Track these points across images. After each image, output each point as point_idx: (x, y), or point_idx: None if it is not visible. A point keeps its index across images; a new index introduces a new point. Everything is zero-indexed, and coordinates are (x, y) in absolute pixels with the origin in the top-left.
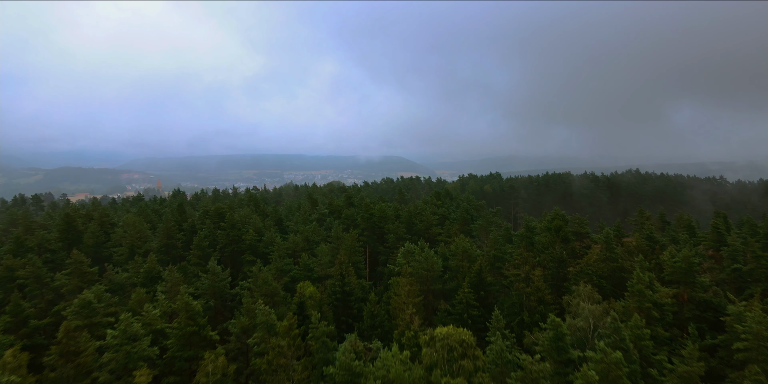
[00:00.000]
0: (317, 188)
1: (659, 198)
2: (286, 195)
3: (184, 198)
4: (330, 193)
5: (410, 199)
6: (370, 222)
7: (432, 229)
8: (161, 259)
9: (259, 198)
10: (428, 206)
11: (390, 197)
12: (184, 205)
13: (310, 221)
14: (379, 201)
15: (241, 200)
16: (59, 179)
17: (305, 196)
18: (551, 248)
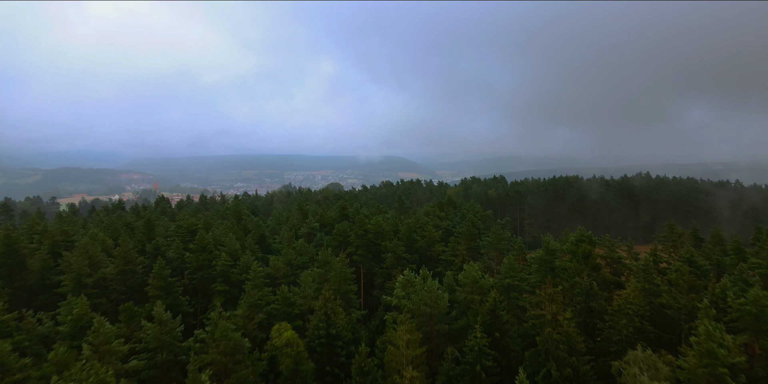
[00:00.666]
0: (311, 194)
1: (674, 204)
2: (278, 201)
3: (168, 205)
4: (324, 200)
5: (410, 206)
6: (364, 239)
7: (435, 246)
8: (116, 290)
9: (243, 209)
10: (430, 218)
11: (389, 203)
12: (154, 220)
13: (299, 236)
14: (377, 211)
15: (227, 209)
16: (58, 180)
17: (296, 206)
18: (578, 278)
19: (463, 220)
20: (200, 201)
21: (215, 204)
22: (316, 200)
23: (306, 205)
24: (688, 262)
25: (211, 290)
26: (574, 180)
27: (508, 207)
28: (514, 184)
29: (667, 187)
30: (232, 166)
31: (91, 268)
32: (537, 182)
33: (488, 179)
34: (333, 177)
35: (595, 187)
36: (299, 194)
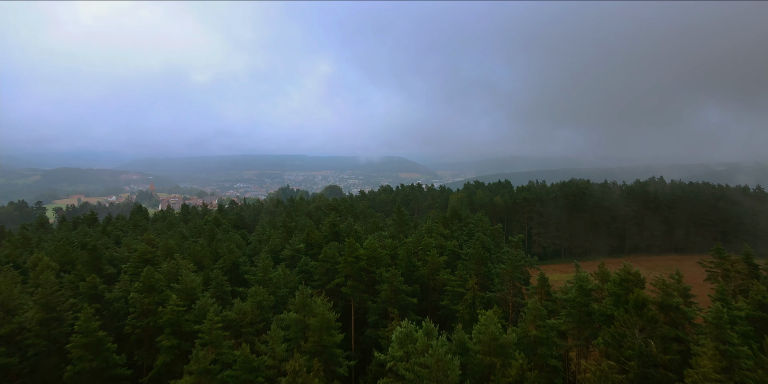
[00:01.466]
0: (302, 204)
1: (692, 212)
2: (266, 212)
3: (144, 217)
4: (316, 211)
5: (411, 214)
6: (355, 267)
7: (439, 273)
8: (34, 344)
9: (225, 223)
10: (433, 237)
11: (388, 210)
12: (100, 250)
13: (282, 259)
14: (373, 227)
15: (205, 223)
16: (57, 180)
17: (281, 222)
18: (629, 334)
19: (470, 238)
20: (182, 211)
21: (197, 215)
22: (308, 211)
23: (294, 218)
24: (758, 305)
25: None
26: (585, 185)
27: (515, 215)
28: (521, 189)
29: (683, 193)
30: (231, 167)
31: (5, 314)
32: (546, 188)
33: (492, 184)
34: (333, 177)
35: (609, 193)
36: (290, 203)
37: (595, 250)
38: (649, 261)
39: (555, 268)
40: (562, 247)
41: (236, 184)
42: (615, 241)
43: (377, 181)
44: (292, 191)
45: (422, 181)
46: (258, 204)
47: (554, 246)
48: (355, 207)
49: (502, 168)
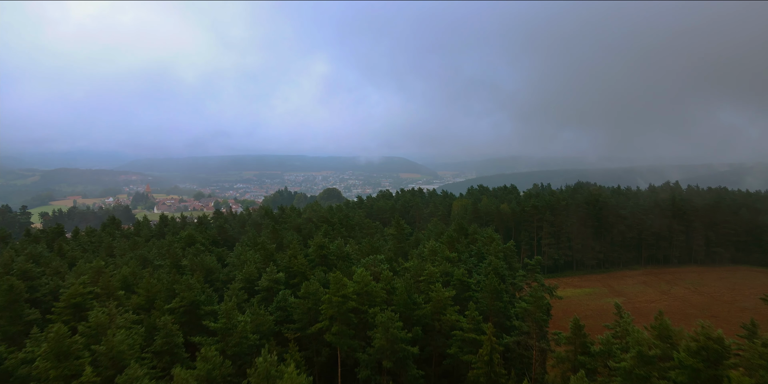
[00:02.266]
0: (291, 217)
1: (711, 220)
2: (252, 224)
3: (117, 231)
4: (306, 224)
5: (412, 224)
6: (343, 308)
7: (445, 312)
8: None
9: (189, 247)
10: (437, 263)
11: (387, 219)
12: (18, 291)
13: (257, 291)
14: (368, 248)
15: (174, 242)
16: (56, 180)
17: (265, 236)
18: None
19: (480, 262)
20: (160, 222)
21: (176, 227)
22: (297, 224)
23: (281, 234)
24: None
25: None
26: (597, 192)
27: (523, 224)
28: (528, 196)
29: (716, 202)
30: (231, 167)
31: None
32: (555, 194)
33: (498, 189)
34: (333, 178)
35: (623, 201)
36: (280, 213)
37: (610, 261)
38: (669, 274)
39: (567, 282)
40: (574, 259)
41: (236, 185)
42: (631, 252)
43: (378, 181)
44: (290, 194)
45: (423, 181)
46: (246, 213)
47: (566, 258)
48: (350, 218)
49: (502, 168)
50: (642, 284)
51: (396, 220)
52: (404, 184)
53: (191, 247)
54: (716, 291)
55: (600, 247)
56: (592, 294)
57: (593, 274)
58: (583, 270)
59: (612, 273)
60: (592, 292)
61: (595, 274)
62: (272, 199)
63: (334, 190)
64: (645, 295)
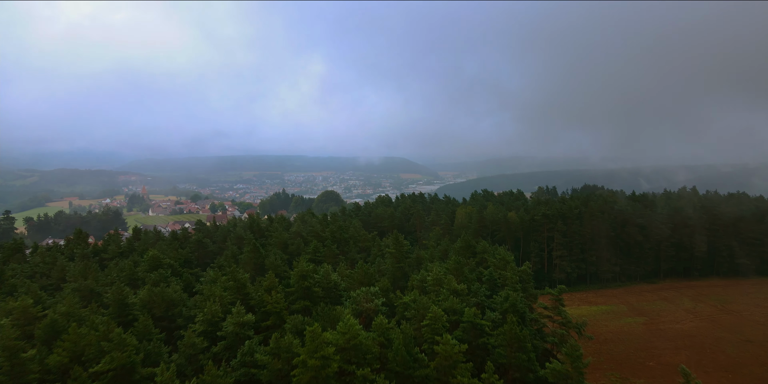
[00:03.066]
0: (280, 231)
1: (735, 228)
2: (235, 238)
3: (83, 246)
4: (294, 240)
5: (410, 247)
6: (323, 374)
7: (456, 372)
8: None
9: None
10: (442, 297)
11: (386, 229)
12: None
13: (221, 338)
14: (361, 276)
15: (129, 268)
16: (55, 181)
17: (232, 271)
18: None
19: (493, 293)
20: (133, 235)
21: (147, 242)
22: (283, 240)
23: (262, 253)
24: None
25: None
26: (611, 198)
27: (533, 234)
28: (537, 202)
29: (738, 209)
30: (231, 167)
31: None
32: (566, 201)
33: (503, 194)
34: (334, 178)
35: (638, 208)
36: (267, 225)
37: (627, 274)
38: (691, 288)
39: (582, 298)
40: (588, 272)
41: (236, 185)
42: (649, 265)
43: (378, 181)
44: (287, 196)
45: (423, 182)
46: (231, 223)
47: (579, 271)
48: (344, 230)
49: (504, 169)
50: (663, 300)
51: (395, 236)
52: (405, 184)
53: (155, 272)
54: (745, 309)
55: (616, 260)
56: (611, 312)
57: (609, 289)
58: (597, 284)
59: (629, 287)
60: (610, 310)
61: (610, 288)
62: (269, 202)
63: (332, 193)
64: (668, 313)
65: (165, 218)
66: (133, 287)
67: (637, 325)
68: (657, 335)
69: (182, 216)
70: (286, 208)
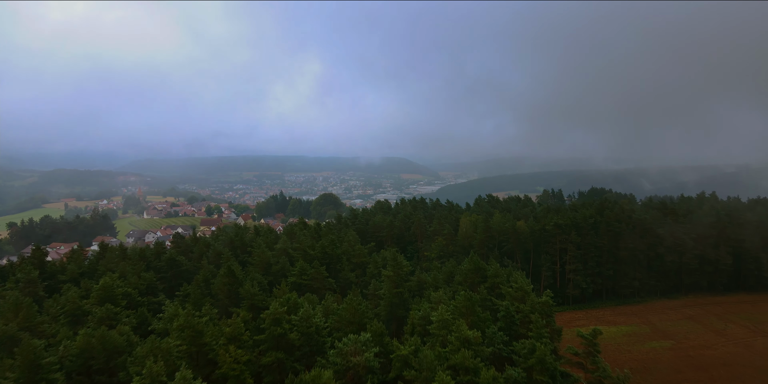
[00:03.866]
0: (263, 245)
1: (764, 239)
2: (213, 256)
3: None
4: (278, 259)
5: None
6: None
7: None
8: None
9: (100, 307)
10: (452, 348)
11: (384, 240)
12: None
13: None
14: (350, 315)
15: (95, 291)
16: (54, 182)
17: (184, 325)
18: None
19: (512, 337)
20: (99, 251)
21: (113, 260)
22: (265, 259)
23: (239, 279)
24: None
25: None
26: (627, 205)
27: (544, 245)
28: (547, 210)
29: (744, 214)
30: (231, 168)
31: None
32: (578, 209)
33: (510, 199)
34: (334, 179)
35: (658, 216)
36: (252, 238)
37: (646, 289)
38: (716, 305)
39: (599, 316)
40: (605, 287)
41: (236, 186)
42: (670, 279)
43: (379, 182)
44: (285, 198)
45: (424, 182)
46: (214, 236)
47: (594, 286)
48: (336, 245)
49: (505, 169)
50: (688, 320)
51: (393, 256)
52: (405, 184)
53: (103, 307)
54: None
55: (635, 273)
56: (632, 335)
57: (627, 306)
58: (614, 300)
59: (649, 304)
60: (631, 331)
61: (629, 304)
62: (265, 204)
63: (331, 196)
64: (696, 336)
65: (159, 221)
66: (76, 325)
67: (663, 351)
68: (688, 363)
69: (177, 219)
70: (284, 210)
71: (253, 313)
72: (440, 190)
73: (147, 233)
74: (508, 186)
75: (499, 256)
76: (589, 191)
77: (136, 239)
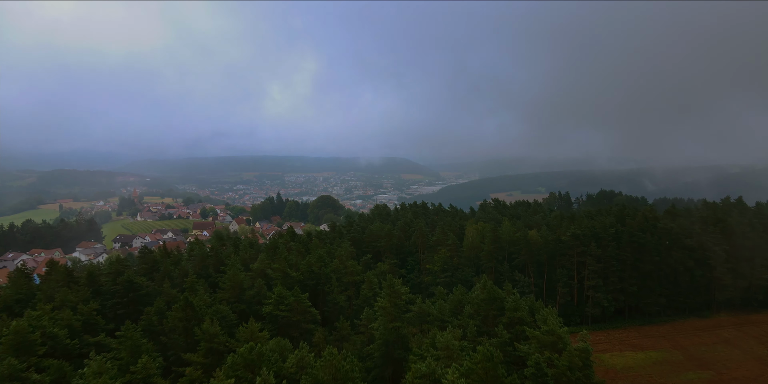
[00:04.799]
0: (239, 263)
1: None
2: (177, 277)
3: None
4: (255, 280)
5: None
6: None
7: None
8: None
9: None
10: None
11: (382, 248)
12: None
13: None
14: (332, 373)
15: (7, 334)
16: (53, 182)
17: (108, 370)
18: None
19: None
20: (46, 272)
21: (56, 285)
22: (238, 283)
23: (200, 314)
24: None
25: None
26: (650, 213)
27: (559, 258)
28: (560, 217)
29: None
30: (231, 168)
31: None
32: (594, 215)
33: (518, 204)
34: (335, 179)
35: (686, 225)
36: (232, 251)
37: (674, 307)
38: (753, 325)
39: (623, 339)
40: (627, 305)
41: (235, 186)
42: (701, 295)
43: (379, 182)
44: (282, 200)
45: (425, 182)
46: (188, 251)
47: (617, 303)
48: (325, 262)
49: (506, 170)
50: (725, 344)
51: (389, 282)
52: (406, 185)
53: (9, 359)
54: None
55: (661, 289)
56: (664, 362)
57: (654, 325)
58: (639, 319)
59: (677, 323)
60: (661, 357)
61: (655, 324)
62: (261, 207)
63: (329, 198)
64: (736, 364)
65: (152, 224)
66: None
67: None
68: None
69: (171, 221)
70: (281, 213)
71: (212, 359)
72: (441, 190)
73: (135, 238)
74: (509, 186)
75: (509, 269)
76: (598, 194)
77: (122, 244)
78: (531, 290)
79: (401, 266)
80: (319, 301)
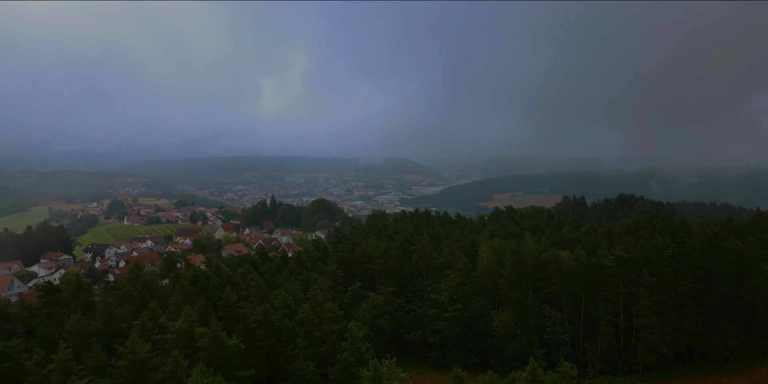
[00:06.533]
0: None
1: None
2: (107, 323)
3: None
4: (171, 350)
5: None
6: None
7: None
8: None
9: None
10: None
11: (375, 272)
12: None
13: None
14: None
15: None
16: (52, 183)
17: None
18: None
19: None
20: None
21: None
22: (138, 360)
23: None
24: None
25: None
26: (709, 228)
27: (599, 287)
28: (593, 233)
29: None
30: (232, 168)
31: None
32: (640, 229)
33: (533, 211)
34: (335, 180)
35: (752, 243)
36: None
37: (748, 351)
38: None
39: None
40: (689, 349)
41: (235, 187)
42: None
43: (380, 183)
44: (275, 204)
45: (426, 183)
46: (132, 282)
47: (676, 347)
48: (292, 308)
49: (508, 170)
50: None
51: (373, 366)
52: (407, 185)
53: None
54: None
55: (732, 329)
56: None
57: (723, 374)
58: (704, 368)
59: (753, 372)
60: None
61: (725, 372)
62: (251, 212)
63: (324, 202)
64: None
65: (138, 228)
66: None
67: None
68: None
69: (157, 226)
70: (273, 218)
71: None
72: (443, 191)
73: (108, 248)
74: (512, 187)
75: (536, 302)
76: (617, 198)
77: (94, 255)
78: (565, 329)
79: (400, 294)
80: (276, 375)
